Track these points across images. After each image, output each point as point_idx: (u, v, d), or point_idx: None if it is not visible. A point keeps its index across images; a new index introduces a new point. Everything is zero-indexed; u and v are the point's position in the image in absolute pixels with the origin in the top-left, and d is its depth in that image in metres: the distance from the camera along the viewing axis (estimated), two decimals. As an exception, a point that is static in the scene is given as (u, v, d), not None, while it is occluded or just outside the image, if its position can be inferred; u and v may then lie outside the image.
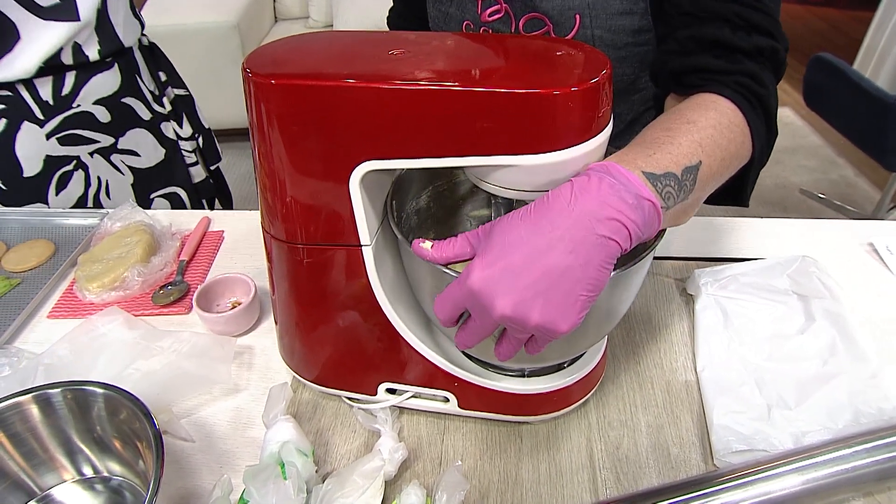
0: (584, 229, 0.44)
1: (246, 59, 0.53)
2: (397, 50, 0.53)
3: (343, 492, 0.57)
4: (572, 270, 0.44)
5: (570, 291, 0.45)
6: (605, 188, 0.46)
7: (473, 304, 0.47)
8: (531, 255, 0.45)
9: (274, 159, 0.55)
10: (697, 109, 0.59)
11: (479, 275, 0.45)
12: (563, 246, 0.44)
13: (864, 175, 2.86)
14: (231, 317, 0.78)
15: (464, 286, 0.47)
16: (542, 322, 0.45)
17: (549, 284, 0.44)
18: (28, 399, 0.59)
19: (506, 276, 0.45)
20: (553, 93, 0.46)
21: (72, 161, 1.11)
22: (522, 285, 0.44)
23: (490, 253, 0.46)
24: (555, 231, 0.45)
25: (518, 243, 0.45)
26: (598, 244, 0.45)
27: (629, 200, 0.46)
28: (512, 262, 0.45)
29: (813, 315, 0.76)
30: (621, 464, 0.65)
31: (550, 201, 0.46)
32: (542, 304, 0.44)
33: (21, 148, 1.05)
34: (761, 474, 0.58)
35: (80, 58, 1.04)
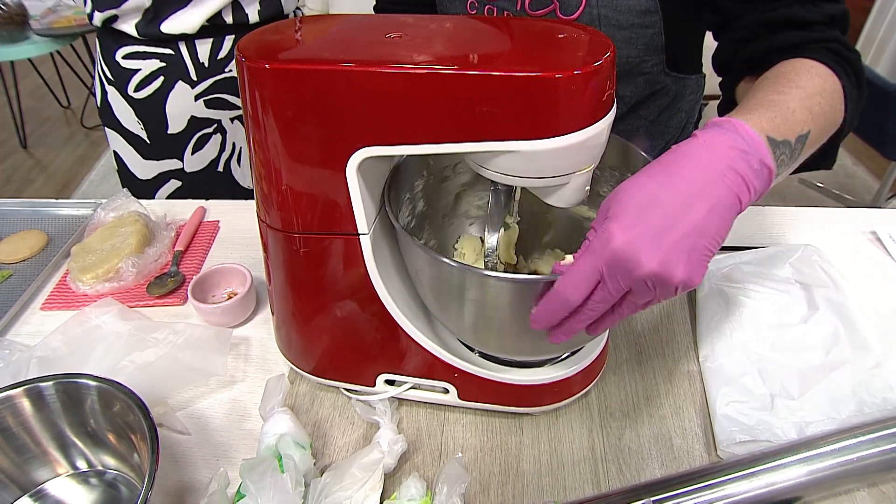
0: (720, 187, 0.45)
1: (239, 44, 0.51)
2: (395, 33, 0.52)
3: (342, 485, 0.56)
4: (710, 228, 0.45)
5: (706, 247, 0.45)
6: (736, 148, 0.46)
7: (615, 270, 0.45)
8: (672, 213, 0.44)
9: (269, 146, 0.53)
10: (803, 74, 0.59)
11: (623, 238, 0.44)
12: (701, 203, 0.44)
13: (863, 164, 2.86)
14: (227, 308, 0.77)
15: (604, 253, 0.45)
16: (684, 278, 0.44)
17: (693, 241, 0.44)
18: (19, 392, 0.57)
19: (650, 235, 0.44)
20: (555, 76, 0.45)
21: (213, 124, 1.15)
22: (669, 243, 0.44)
23: (627, 214, 0.45)
24: (691, 188, 0.45)
25: (655, 202, 0.45)
26: (730, 204, 0.45)
27: (754, 165, 0.46)
28: (653, 221, 0.44)
29: (816, 304, 0.75)
30: (623, 455, 0.64)
31: (681, 158, 0.46)
32: (686, 261, 0.44)
33: (171, 106, 1.10)
34: (765, 465, 0.57)
35: (241, 17, 1.06)
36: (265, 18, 1.08)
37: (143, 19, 1.02)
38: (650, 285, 0.45)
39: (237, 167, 1.22)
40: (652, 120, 0.91)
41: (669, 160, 0.47)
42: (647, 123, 0.91)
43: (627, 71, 0.82)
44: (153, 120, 1.11)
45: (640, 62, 0.81)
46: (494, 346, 0.63)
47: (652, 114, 0.90)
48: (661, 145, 0.95)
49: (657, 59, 0.82)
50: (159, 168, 1.17)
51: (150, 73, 1.07)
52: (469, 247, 0.74)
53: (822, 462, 0.57)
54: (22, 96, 3.19)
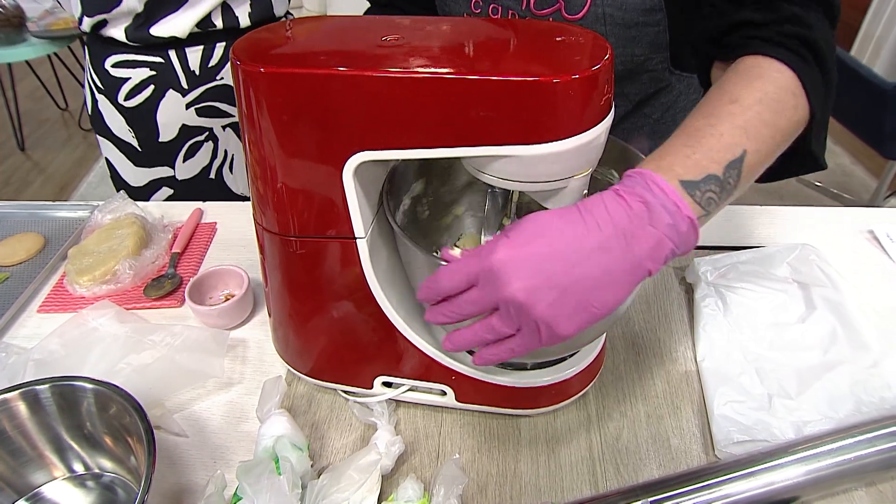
0: (619, 244, 0.44)
1: (234, 47, 0.51)
2: (391, 36, 0.51)
3: (339, 486, 0.56)
4: (596, 282, 0.44)
5: (585, 300, 0.44)
6: (642, 205, 0.45)
7: (486, 280, 0.45)
8: (559, 249, 0.44)
9: (264, 150, 0.53)
10: (741, 83, 0.56)
11: (505, 253, 0.44)
12: (592, 252, 0.44)
13: (861, 163, 2.86)
14: (224, 309, 0.77)
15: (484, 260, 0.45)
16: (546, 316, 0.44)
17: (568, 284, 0.44)
18: (15, 396, 0.57)
19: (531, 261, 0.44)
20: (553, 80, 0.45)
21: (205, 132, 1.15)
22: (544, 275, 0.43)
23: (521, 235, 0.45)
24: (588, 235, 0.44)
25: (551, 235, 0.44)
26: (631, 269, 0.44)
27: (667, 220, 0.45)
28: (541, 251, 0.44)
29: (813, 303, 0.75)
30: (621, 456, 0.64)
31: (590, 207, 0.45)
32: (554, 300, 0.43)
33: (162, 114, 1.09)
34: (763, 465, 0.57)
35: (231, 21, 1.05)
36: (256, 22, 1.07)
37: (133, 24, 1.01)
38: (512, 311, 0.45)
39: (229, 174, 1.22)
40: (656, 118, 0.91)
41: (581, 205, 0.46)
42: (651, 122, 0.91)
43: (632, 69, 0.82)
44: (144, 128, 1.11)
45: (646, 60, 0.81)
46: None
47: (656, 112, 0.90)
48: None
49: (661, 56, 0.81)
50: (151, 175, 1.16)
51: (140, 81, 1.06)
52: (472, 244, 0.74)
53: (819, 462, 0.57)
54: (19, 98, 3.18)
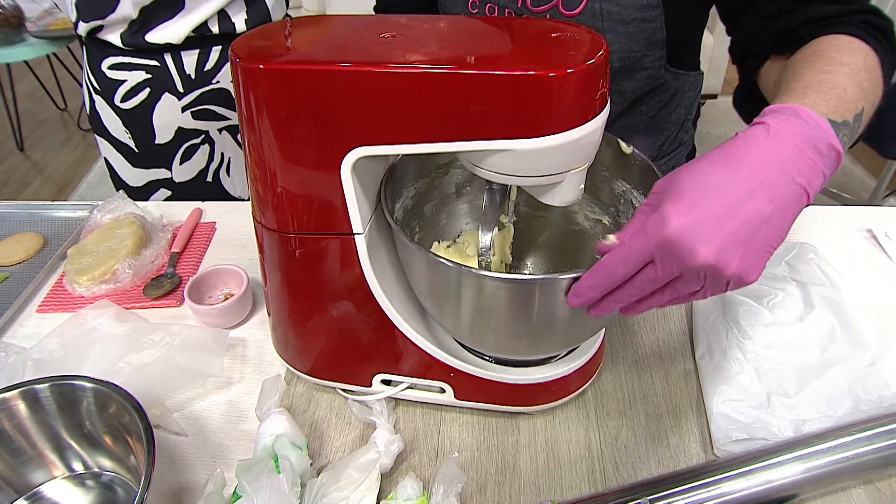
0: (784, 176, 0.43)
1: (232, 45, 0.51)
2: (388, 33, 0.52)
3: (338, 485, 0.56)
4: (771, 219, 0.43)
5: (765, 241, 0.43)
6: (802, 134, 0.45)
7: (666, 254, 0.43)
8: (732, 201, 0.43)
9: (264, 147, 0.53)
10: (843, 51, 0.57)
11: (679, 221, 0.42)
12: (764, 193, 0.43)
13: (860, 162, 2.86)
14: (223, 309, 0.77)
15: (657, 235, 0.43)
16: (739, 271, 0.43)
17: (750, 232, 0.42)
18: (14, 395, 0.57)
19: (708, 221, 0.42)
20: (549, 74, 0.45)
21: (200, 135, 1.15)
22: (726, 232, 0.42)
23: (685, 198, 0.43)
24: (754, 176, 0.43)
25: (716, 188, 0.43)
26: (795, 195, 0.44)
27: (823, 150, 0.45)
28: (712, 208, 0.42)
29: (812, 302, 0.75)
30: (620, 454, 0.64)
31: (744, 145, 0.45)
32: (742, 253, 0.42)
33: (158, 117, 1.10)
34: (762, 463, 0.57)
35: (227, 27, 1.05)
36: (252, 27, 1.06)
37: (129, 30, 1.01)
38: (701, 275, 0.44)
39: (226, 177, 1.22)
40: (651, 116, 0.91)
41: (732, 147, 0.45)
42: (647, 119, 0.91)
43: (629, 66, 0.82)
44: (140, 130, 1.11)
45: (642, 57, 0.81)
46: (491, 346, 0.63)
47: (652, 109, 0.90)
48: (661, 141, 0.95)
49: (658, 53, 0.82)
50: (148, 176, 1.17)
51: (135, 84, 1.06)
52: (474, 241, 0.74)
53: (818, 460, 0.58)
54: (18, 98, 3.18)
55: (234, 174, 1.22)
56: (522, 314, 0.55)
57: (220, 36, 1.06)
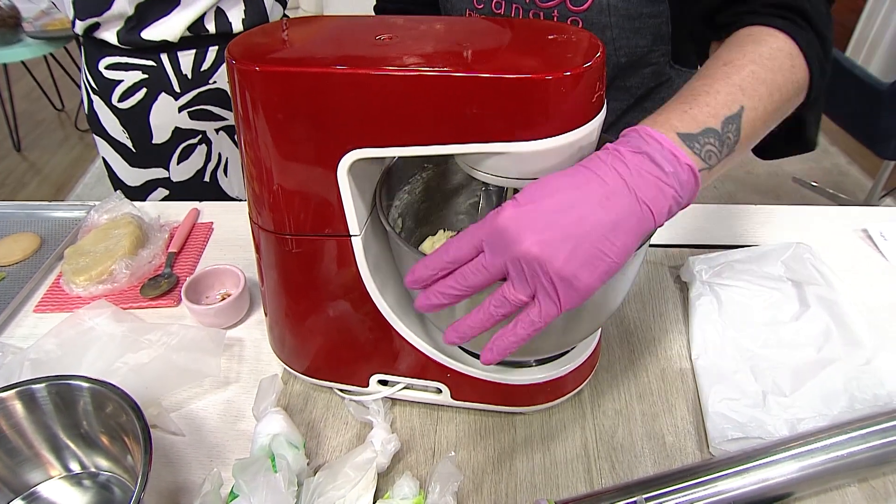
0: (623, 189, 0.44)
1: (229, 46, 0.52)
2: (385, 35, 0.52)
3: (335, 484, 0.56)
4: (603, 226, 0.43)
5: (598, 248, 0.43)
6: (640, 154, 0.45)
7: (495, 242, 0.44)
8: (568, 202, 0.44)
9: (260, 148, 0.53)
10: (733, 48, 0.56)
11: (511, 212, 0.44)
12: (599, 201, 0.44)
13: (857, 163, 2.87)
14: (220, 309, 0.77)
15: (491, 223, 0.44)
16: (566, 271, 0.43)
17: (581, 234, 0.43)
18: (11, 395, 0.57)
19: (539, 215, 0.43)
20: (545, 77, 0.45)
21: (198, 135, 1.15)
22: (554, 226, 0.43)
23: (526, 195, 0.45)
24: (592, 186, 0.44)
25: (555, 191, 0.44)
26: (634, 208, 0.44)
27: (667, 168, 0.45)
28: (547, 205, 0.44)
29: (807, 301, 0.76)
30: (616, 453, 0.64)
31: (590, 163, 0.45)
32: (570, 251, 0.43)
33: (155, 117, 1.10)
34: (757, 462, 0.57)
35: (223, 25, 1.05)
36: (248, 27, 1.07)
37: (125, 27, 1.01)
38: (526, 270, 0.44)
39: (224, 177, 1.22)
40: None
41: (579, 164, 0.46)
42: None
43: (635, 61, 0.82)
44: (137, 130, 1.11)
45: (648, 52, 0.81)
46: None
47: (656, 106, 0.89)
48: None
49: (664, 49, 0.82)
50: (146, 176, 1.17)
51: (132, 84, 1.06)
52: None
53: (813, 458, 0.58)
54: (15, 99, 3.18)
55: (231, 174, 1.23)
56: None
57: (217, 36, 1.06)
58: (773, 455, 0.58)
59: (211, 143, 1.17)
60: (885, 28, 2.94)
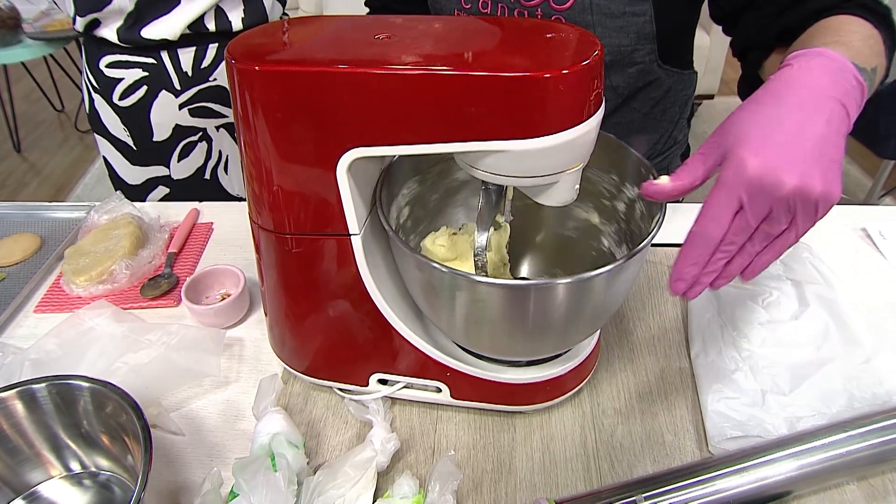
0: (828, 100, 0.47)
1: (228, 46, 0.52)
2: (383, 34, 0.52)
3: (335, 483, 0.56)
4: (830, 138, 0.46)
5: (833, 157, 0.45)
6: (829, 66, 0.49)
7: (755, 194, 0.45)
8: (794, 129, 0.45)
9: (260, 148, 0.54)
10: (850, 24, 0.60)
11: (756, 160, 0.44)
12: (818, 117, 0.46)
13: (856, 162, 2.86)
14: (220, 309, 0.77)
15: (740, 179, 0.45)
16: (824, 189, 0.45)
17: (820, 153, 0.45)
18: (12, 394, 0.57)
19: (782, 152, 0.45)
20: (544, 75, 0.45)
21: (198, 132, 1.15)
22: (800, 157, 0.44)
23: (752, 140, 0.46)
24: (804, 106, 0.46)
25: (776, 123, 0.46)
26: (842, 114, 0.47)
27: (852, 82, 0.49)
28: (781, 141, 0.45)
29: (806, 300, 0.76)
30: (615, 452, 0.64)
31: (780, 84, 0.48)
32: (821, 172, 0.44)
33: (155, 115, 1.10)
34: (756, 460, 0.57)
35: (223, 24, 1.05)
36: (248, 26, 1.07)
37: (125, 24, 1.01)
38: (791, 206, 0.45)
39: (224, 175, 1.22)
40: (645, 113, 0.91)
41: (774, 87, 0.48)
42: (641, 116, 0.91)
43: (619, 60, 0.82)
44: (138, 127, 1.11)
45: (633, 51, 0.81)
46: (486, 347, 0.64)
47: (645, 106, 0.91)
48: (655, 139, 0.96)
49: (649, 48, 0.82)
50: (147, 174, 1.17)
51: (133, 82, 1.07)
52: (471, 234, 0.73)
53: (812, 457, 0.58)
54: (15, 100, 3.18)
55: (231, 172, 1.23)
56: (517, 318, 0.56)
57: (217, 33, 1.06)
58: (772, 453, 0.58)
59: (211, 141, 1.17)
60: (884, 27, 2.94)
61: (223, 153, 1.20)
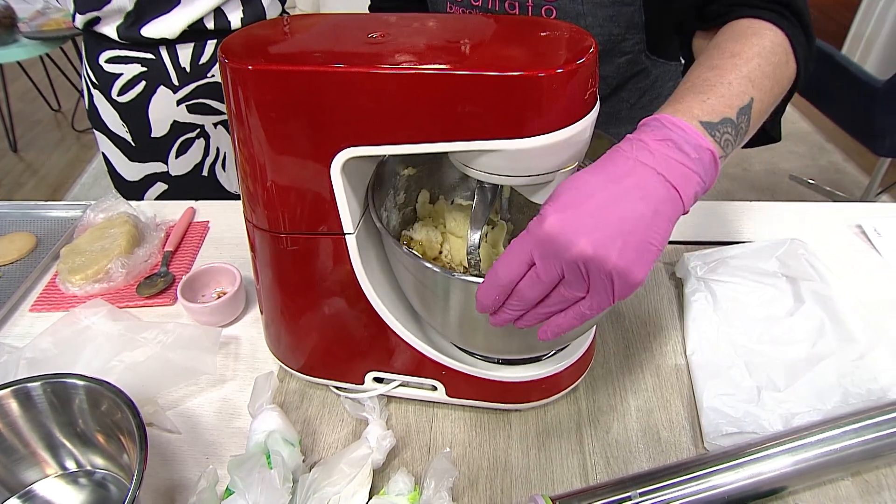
0: (653, 178, 0.45)
1: (222, 45, 0.52)
2: (377, 33, 0.52)
3: (330, 480, 0.56)
4: (645, 218, 0.44)
5: (644, 239, 0.44)
6: (666, 141, 0.46)
7: (546, 251, 0.45)
8: (606, 200, 0.44)
9: (254, 147, 0.53)
10: (737, 40, 0.58)
11: (555, 218, 0.44)
12: (636, 193, 0.44)
13: (853, 160, 2.87)
14: (216, 307, 0.77)
15: (536, 233, 0.45)
16: (620, 265, 0.43)
17: (627, 229, 0.44)
18: (7, 393, 0.57)
19: (584, 217, 0.44)
20: (538, 75, 0.45)
21: (196, 129, 1.15)
22: (602, 225, 0.43)
23: (561, 199, 0.45)
24: (626, 180, 0.45)
25: (590, 190, 0.45)
26: (668, 195, 0.45)
27: (690, 153, 0.46)
28: (588, 207, 0.44)
29: (802, 297, 0.76)
30: (611, 448, 0.64)
31: (615, 156, 0.46)
32: (621, 246, 0.43)
33: (153, 110, 1.10)
34: (751, 456, 0.58)
35: (222, 23, 1.06)
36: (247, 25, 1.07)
37: (125, 22, 1.01)
38: (583, 270, 0.44)
39: (222, 172, 1.22)
40: (633, 103, 0.92)
41: (605, 159, 0.47)
42: (629, 106, 0.92)
43: (609, 49, 0.83)
44: (136, 123, 1.12)
45: (622, 40, 0.82)
46: (480, 346, 0.64)
47: (633, 97, 0.91)
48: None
49: (638, 38, 0.83)
50: (145, 170, 1.17)
51: (131, 77, 1.07)
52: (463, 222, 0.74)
53: (806, 452, 0.58)
54: (11, 99, 3.17)
55: (229, 169, 1.23)
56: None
57: (216, 31, 1.06)
58: (768, 449, 0.58)
59: (209, 138, 1.17)
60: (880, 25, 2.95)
61: (221, 150, 1.20)
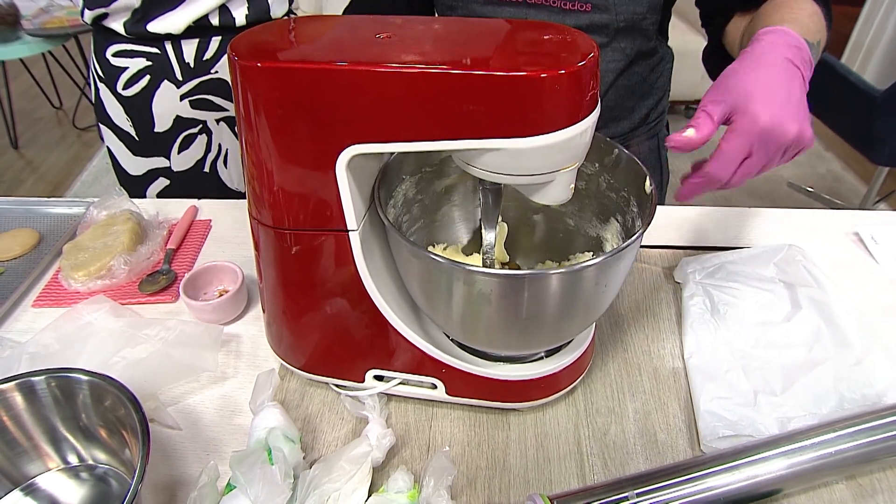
0: (796, 69, 0.61)
1: (231, 43, 0.52)
2: (384, 33, 0.53)
3: (330, 477, 0.57)
4: (803, 98, 0.60)
5: (807, 113, 0.60)
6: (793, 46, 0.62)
7: (765, 142, 0.58)
8: (786, 91, 0.59)
9: (261, 144, 0.54)
10: (789, 6, 0.72)
11: (768, 114, 0.57)
12: (794, 82, 0.60)
13: (852, 169, 2.88)
14: (218, 304, 0.78)
15: (755, 130, 0.57)
16: (810, 135, 0.59)
17: (803, 109, 0.59)
18: (11, 387, 0.58)
19: (783, 108, 0.58)
20: (540, 75, 0.46)
21: (198, 125, 1.16)
22: (794, 112, 0.58)
23: (758, 97, 0.58)
24: (783, 72, 0.60)
25: (773, 85, 0.59)
26: (803, 81, 0.62)
27: (806, 58, 0.63)
28: (780, 99, 0.58)
29: (799, 303, 0.77)
30: (609, 450, 0.65)
31: (760, 54, 0.62)
32: (806, 122, 0.59)
33: (157, 105, 1.11)
34: (747, 459, 0.58)
35: (227, 20, 1.06)
36: (252, 22, 1.08)
37: (132, 18, 1.02)
38: (788, 148, 0.59)
39: (224, 169, 1.23)
40: (643, 78, 0.99)
41: (753, 58, 0.61)
42: (640, 80, 0.99)
43: (631, 26, 0.90)
44: (140, 118, 1.12)
45: (643, 19, 0.89)
46: (482, 341, 0.64)
47: (644, 71, 0.99)
48: (650, 106, 1.03)
49: (654, 17, 0.91)
50: (148, 165, 1.18)
51: (136, 71, 1.08)
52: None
53: (802, 456, 0.59)
54: (13, 96, 3.18)
55: (231, 166, 1.23)
56: (511, 309, 0.56)
57: (220, 28, 1.07)
58: (763, 452, 0.59)
59: (211, 134, 1.18)
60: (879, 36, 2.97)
61: (223, 147, 1.20)
